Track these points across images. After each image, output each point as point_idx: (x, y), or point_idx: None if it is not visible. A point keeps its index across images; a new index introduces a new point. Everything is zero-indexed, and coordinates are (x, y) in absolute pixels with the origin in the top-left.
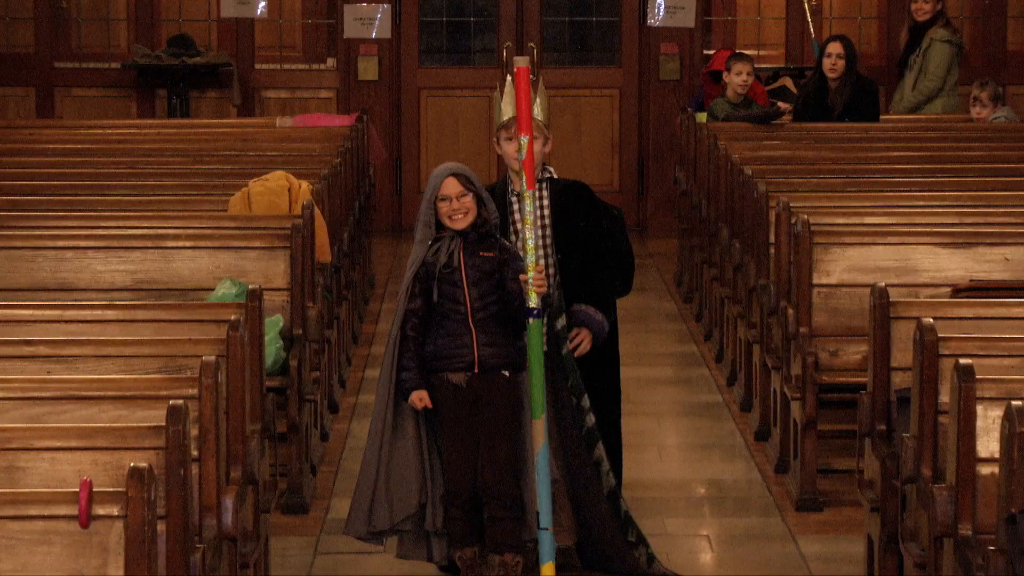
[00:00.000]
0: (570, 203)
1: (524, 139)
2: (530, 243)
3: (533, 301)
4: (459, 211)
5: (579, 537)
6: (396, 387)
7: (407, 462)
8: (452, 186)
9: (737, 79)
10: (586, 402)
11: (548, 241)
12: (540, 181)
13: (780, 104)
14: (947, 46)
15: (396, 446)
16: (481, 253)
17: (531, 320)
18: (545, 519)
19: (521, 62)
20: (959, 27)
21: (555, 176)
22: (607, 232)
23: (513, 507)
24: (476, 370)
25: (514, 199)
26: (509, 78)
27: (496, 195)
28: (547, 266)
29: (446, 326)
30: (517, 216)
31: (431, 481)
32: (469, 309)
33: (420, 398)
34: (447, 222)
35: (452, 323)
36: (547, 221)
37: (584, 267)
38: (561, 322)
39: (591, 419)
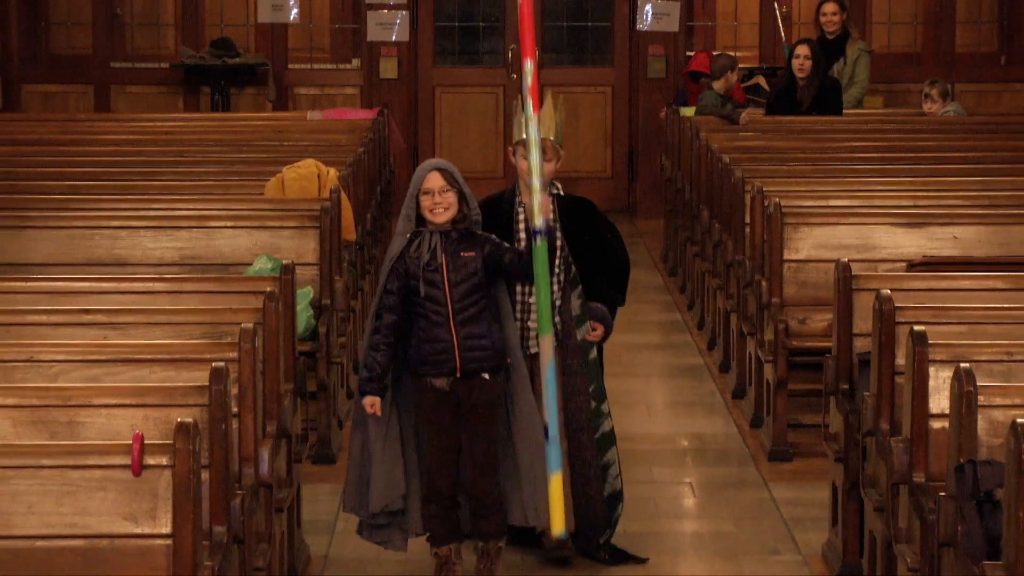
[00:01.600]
0: (576, 217)
1: (529, 64)
2: (535, 165)
3: (539, 222)
4: (440, 205)
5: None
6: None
7: (391, 455)
8: (435, 180)
9: (734, 77)
10: (606, 407)
11: (559, 254)
12: (549, 196)
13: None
14: (869, 56)
15: (378, 436)
16: (462, 253)
17: (537, 241)
18: (553, 429)
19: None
20: (914, 32)
21: (562, 193)
22: (609, 244)
23: (494, 503)
24: (458, 375)
25: (521, 209)
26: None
27: (504, 204)
28: (558, 280)
29: (428, 330)
30: (522, 225)
31: (410, 477)
32: (450, 310)
33: (371, 404)
34: (428, 215)
35: (434, 326)
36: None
37: (590, 276)
38: (577, 310)
39: (608, 423)
